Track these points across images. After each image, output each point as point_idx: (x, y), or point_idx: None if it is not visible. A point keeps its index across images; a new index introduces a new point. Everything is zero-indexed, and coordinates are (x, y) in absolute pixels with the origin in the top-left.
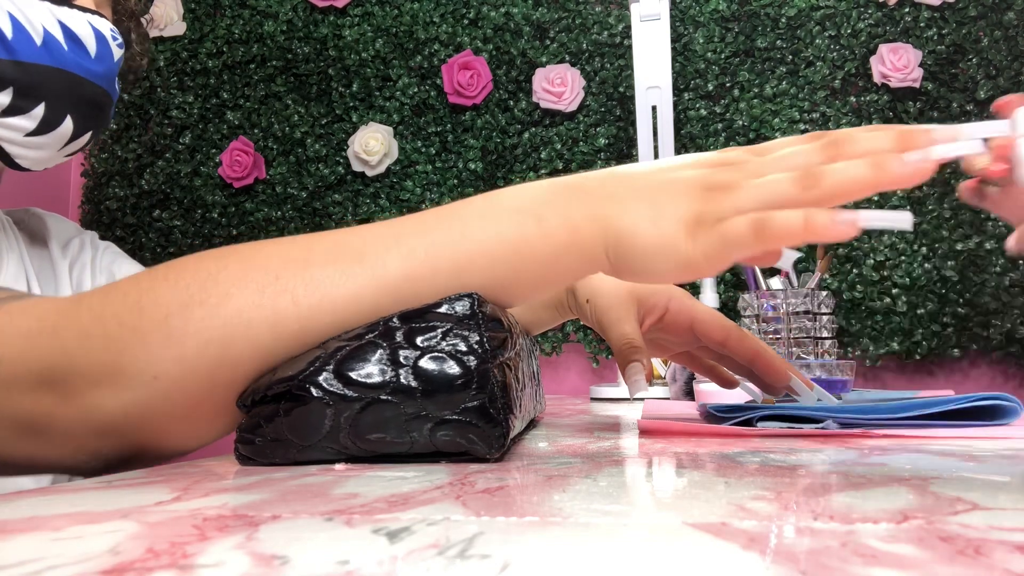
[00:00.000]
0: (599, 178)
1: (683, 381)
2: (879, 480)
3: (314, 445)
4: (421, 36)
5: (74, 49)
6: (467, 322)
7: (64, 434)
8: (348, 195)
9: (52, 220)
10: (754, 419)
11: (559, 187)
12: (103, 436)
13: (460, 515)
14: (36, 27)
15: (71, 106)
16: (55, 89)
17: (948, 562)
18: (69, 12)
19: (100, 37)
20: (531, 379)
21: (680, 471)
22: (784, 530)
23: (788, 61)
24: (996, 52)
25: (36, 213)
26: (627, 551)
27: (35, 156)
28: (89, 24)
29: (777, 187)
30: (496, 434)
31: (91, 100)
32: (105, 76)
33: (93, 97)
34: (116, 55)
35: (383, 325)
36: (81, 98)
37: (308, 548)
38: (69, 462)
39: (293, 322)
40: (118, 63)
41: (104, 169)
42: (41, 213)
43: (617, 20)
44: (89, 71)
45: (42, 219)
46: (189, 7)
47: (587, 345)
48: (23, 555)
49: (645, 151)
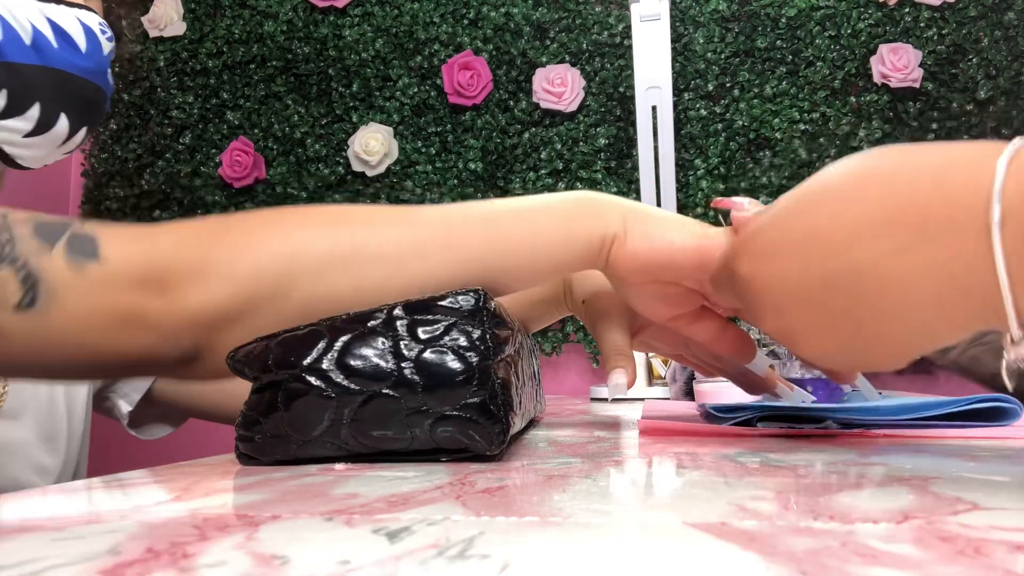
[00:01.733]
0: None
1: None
2: (879, 480)
3: (314, 440)
4: (421, 36)
5: (64, 47)
6: (471, 317)
7: (153, 326)
8: (348, 195)
9: None
10: (754, 419)
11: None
12: (186, 328)
13: (460, 515)
14: (25, 26)
15: (65, 104)
16: (48, 89)
17: (948, 562)
18: (57, 8)
19: (89, 32)
20: (531, 378)
21: (680, 471)
22: (784, 530)
23: (788, 61)
24: (996, 52)
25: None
26: (627, 551)
27: (33, 155)
28: (77, 20)
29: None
30: (496, 431)
31: (84, 97)
32: (96, 71)
33: (85, 93)
34: (106, 49)
35: (386, 314)
36: (74, 96)
37: (308, 548)
38: (155, 351)
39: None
40: (108, 57)
41: (104, 169)
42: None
43: (617, 20)
44: (80, 68)
45: None
46: (189, 7)
47: (587, 345)
48: (23, 555)
49: (645, 151)
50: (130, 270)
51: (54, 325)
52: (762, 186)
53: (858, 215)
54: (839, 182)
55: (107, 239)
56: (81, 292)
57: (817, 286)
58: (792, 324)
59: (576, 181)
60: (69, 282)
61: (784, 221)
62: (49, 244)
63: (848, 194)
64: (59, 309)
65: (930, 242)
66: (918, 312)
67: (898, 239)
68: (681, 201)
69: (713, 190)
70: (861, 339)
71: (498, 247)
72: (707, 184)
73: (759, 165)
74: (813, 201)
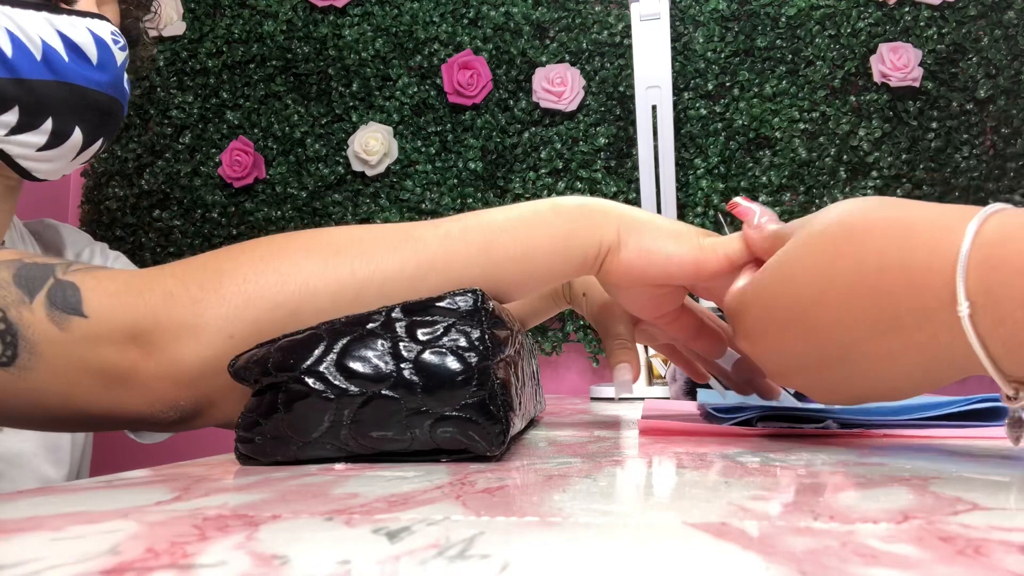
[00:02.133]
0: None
1: (683, 381)
2: (879, 480)
3: (314, 442)
4: (421, 36)
5: (75, 60)
6: (469, 318)
7: (146, 385)
8: (348, 195)
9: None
10: (754, 419)
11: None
12: (181, 388)
13: (460, 515)
14: (35, 41)
15: (78, 117)
16: (60, 103)
17: (948, 562)
18: (67, 20)
19: (101, 43)
20: (531, 378)
21: (680, 471)
22: (784, 530)
23: (788, 60)
24: (996, 51)
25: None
26: (627, 551)
27: (49, 168)
28: (88, 31)
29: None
30: (496, 431)
31: (98, 108)
32: (110, 83)
33: (99, 105)
34: (119, 59)
35: (385, 316)
36: (87, 108)
37: (308, 548)
38: (148, 412)
39: (350, 290)
40: (123, 66)
41: (104, 169)
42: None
43: (617, 19)
44: (92, 80)
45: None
46: (189, 7)
47: (587, 345)
48: (23, 555)
49: (645, 151)
50: (116, 327)
51: (36, 383)
52: (762, 185)
53: (836, 298)
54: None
55: (91, 290)
56: (64, 349)
57: (811, 359)
58: (797, 383)
59: (576, 180)
60: (51, 338)
61: (768, 299)
62: (30, 295)
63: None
64: (41, 366)
65: (906, 329)
66: (907, 380)
67: (878, 324)
68: (681, 200)
69: (713, 189)
70: (867, 394)
71: (498, 271)
72: (707, 183)
73: (759, 164)
74: (791, 279)
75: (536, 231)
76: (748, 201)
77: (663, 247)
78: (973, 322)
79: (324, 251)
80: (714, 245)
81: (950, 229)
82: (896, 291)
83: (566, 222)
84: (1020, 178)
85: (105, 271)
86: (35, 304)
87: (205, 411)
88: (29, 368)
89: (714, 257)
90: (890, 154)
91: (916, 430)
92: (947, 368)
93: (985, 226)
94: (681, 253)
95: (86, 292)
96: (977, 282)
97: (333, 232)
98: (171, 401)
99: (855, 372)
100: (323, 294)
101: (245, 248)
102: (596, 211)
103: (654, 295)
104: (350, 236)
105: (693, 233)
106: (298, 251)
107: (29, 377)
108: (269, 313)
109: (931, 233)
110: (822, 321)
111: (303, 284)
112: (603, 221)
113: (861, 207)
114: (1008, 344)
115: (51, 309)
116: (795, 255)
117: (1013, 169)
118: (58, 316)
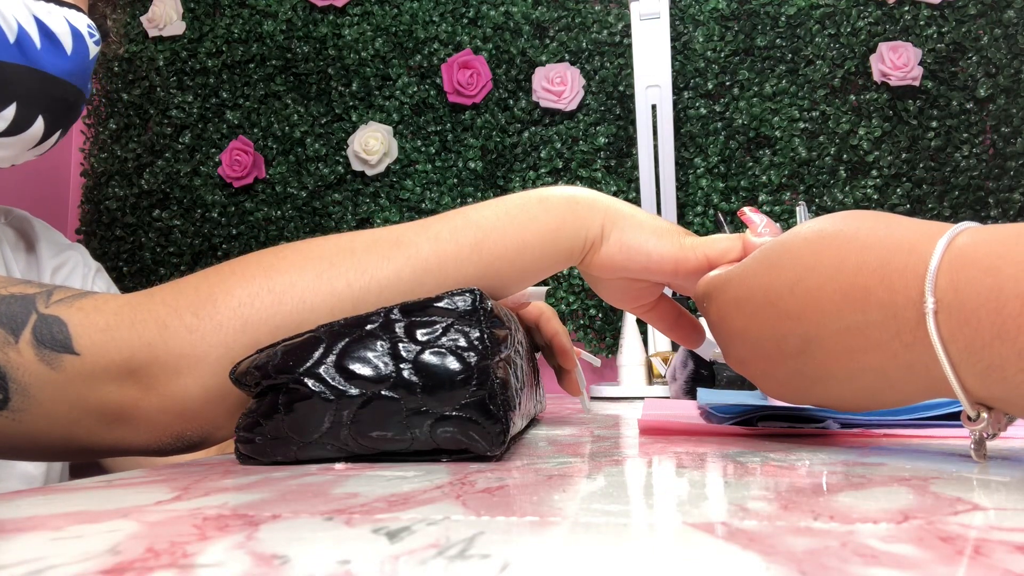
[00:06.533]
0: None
1: (683, 380)
2: (879, 480)
3: (315, 442)
4: (421, 35)
5: (48, 47)
6: (468, 318)
7: (150, 420)
8: (348, 194)
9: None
10: (754, 419)
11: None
12: (187, 420)
13: (460, 515)
14: (11, 24)
15: (43, 106)
16: (27, 89)
17: (948, 562)
18: (46, 7)
19: (76, 34)
20: (531, 378)
21: (680, 471)
22: (784, 530)
23: (788, 60)
24: (996, 50)
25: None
26: (627, 551)
27: (3, 155)
28: (66, 20)
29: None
30: (496, 431)
31: (63, 99)
32: (79, 74)
33: (65, 96)
34: (92, 52)
35: (384, 316)
36: (53, 97)
37: (308, 548)
38: (155, 446)
39: (348, 303)
40: (93, 60)
41: (104, 169)
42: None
43: (617, 19)
44: (62, 69)
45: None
46: (189, 7)
47: (587, 345)
48: (23, 555)
49: (645, 150)
50: (111, 363)
51: (32, 426)
52: (762, 185)
53: (811, 287)
54: (799, 248)
55: (79, 325)
56: (59, 390)
57: (772, 346)
58: (752, 371)
59: (576, 180)
60: (44, 379)
61: (749, 280)
62: (14, 334)
63: (803, 262)
64: (36, 409)
65: (873, 324)
66: (862, 380)
67: (844, 318)
68: (681, 200)
69: (713, 188)
70: (813, 394)
71: (490, 269)
72: (707, 183)
73: (759, 164)
74: (774, 264)
75: (525, 228)
76: (756, 212)
77: (644, 244)
78: (937, 321)
79: (317, 265)
80: (695, 245)
81: (930, 236)
82: (870, 286)
83: (553, 218)
84: (1020, 177)
85: (89, 300)
86: (21, 344)
87: (211, 436)
88: (23, 411)
89: (693, 256)
90: (890, 153)
91: (916, 430)
92: (904, 374)
93: (962, 235)
94: (661, 251)
95: (74, 327)
96: (947, 283)
97: (322, 243)
98: (176, 433)
99: (809, 365)
100: (321, 309)
101: (235, 268)
102: (582, 204)
103: (633, 288)
104: (340, 246)
105: (675, 232)
106: (291, 267)
107: (24, 420)
108: (269, 335)
109: (913, 239)
110: (792, 309)
111: (299, 301)
112: (588, 215)
113: (855, 215)
114: (971, 347)
115: (40, 348)
116: (783, 245)
117: (1013, 168)
118: (48, 355)
